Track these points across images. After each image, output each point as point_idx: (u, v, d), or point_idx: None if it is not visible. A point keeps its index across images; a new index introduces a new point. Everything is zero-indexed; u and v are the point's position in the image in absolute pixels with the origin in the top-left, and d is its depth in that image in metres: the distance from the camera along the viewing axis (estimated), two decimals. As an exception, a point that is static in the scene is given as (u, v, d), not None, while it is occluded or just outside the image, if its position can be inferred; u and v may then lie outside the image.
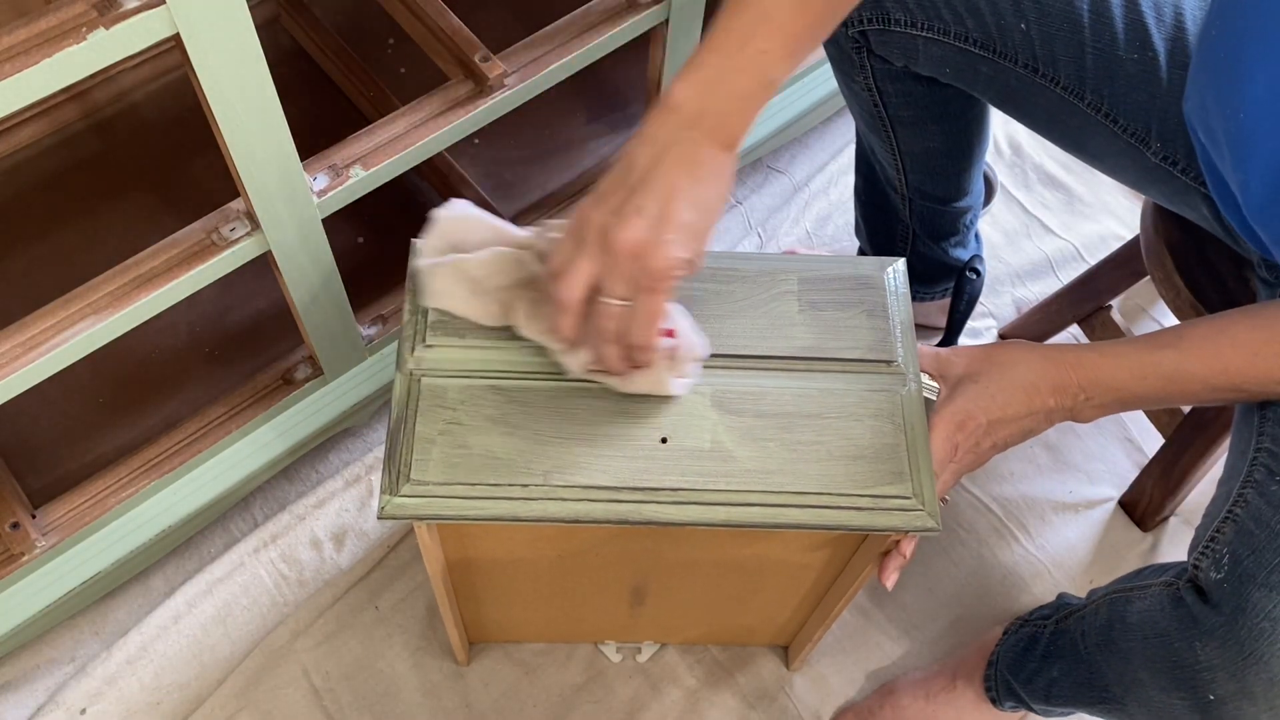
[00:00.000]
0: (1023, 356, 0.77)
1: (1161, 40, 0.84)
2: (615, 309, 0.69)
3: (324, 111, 1.37)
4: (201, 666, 1.12)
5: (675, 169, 0.68)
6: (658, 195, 0.67)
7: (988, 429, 0.77)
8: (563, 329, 0.72)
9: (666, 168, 0.68)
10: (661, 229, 0.67)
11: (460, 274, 0.77)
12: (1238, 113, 0.70)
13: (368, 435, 1.27)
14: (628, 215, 0.67)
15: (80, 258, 1.25)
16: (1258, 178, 0.70)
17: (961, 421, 0.77)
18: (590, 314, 0.71)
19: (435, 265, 0.78)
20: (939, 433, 0.76)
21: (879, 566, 0.82)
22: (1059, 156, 1.50)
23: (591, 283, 0.69)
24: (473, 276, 0.77)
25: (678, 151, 0.68)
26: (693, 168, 0.68)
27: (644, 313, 0.69)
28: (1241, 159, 0.71)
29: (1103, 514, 1.26)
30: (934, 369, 0.80)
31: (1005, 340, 1.05)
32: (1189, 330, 0.75)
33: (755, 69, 0.69)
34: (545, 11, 1.09)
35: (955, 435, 0.77)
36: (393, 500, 0.73)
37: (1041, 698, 0.95)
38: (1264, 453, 0.73)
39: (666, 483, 0.74)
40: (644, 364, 0.72)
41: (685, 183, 0.68)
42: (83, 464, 1.15)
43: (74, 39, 0.69)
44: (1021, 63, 0.87)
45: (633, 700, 1.13)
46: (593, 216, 0.69)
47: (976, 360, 0.78)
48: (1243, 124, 0.70)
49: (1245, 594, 0.68)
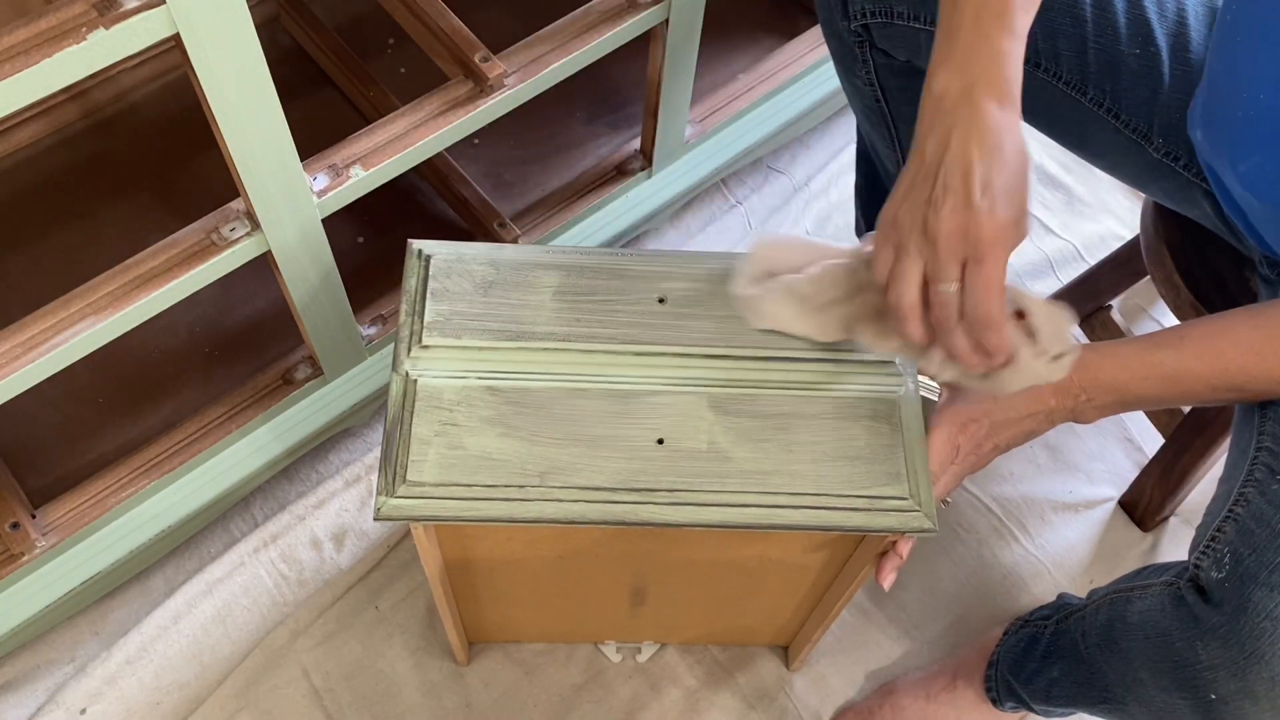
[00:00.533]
0: None
1: (1164, 36, 0.84)
2: (951, 294, 0.67)
3: (324, 111, 1.37)
4: (201, 666, 1.12)
5: (966, 143, 0.66)
6: (959, 171, 0.66)
7: (989, 431, 0.77)
8: (911, 335, 0.70)
9: (956, 145, 0.67)
10: (976, 200, 0.65)
11: (790, 294, 0.76)
12: (1258, 93, 0.70)
13: (368, 435, 1.27)
14: (938, 202, 0.66)
15: (80, 258, 1.25)
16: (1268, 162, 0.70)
17: (963, 423, 0.76)
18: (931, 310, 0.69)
19: (764, 290, 0.77)
20: (940, 435, 0.76)
21: (876, 567, 0.82)
22: (1059, 156, 1.50)
23: (923, 280, 0.68)
24: (803, 295, 0.76)
25: (962, 127, 0.67)
26: (982, 135, 0.66)
27: (978, 285, 0.66)
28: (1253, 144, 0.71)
29: (1103, 514, 1.26)
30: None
31: None
32: (1190, 330, 0.75)
33: (998, 27, 0.67)
34: (545, 11, 1.09)
35: (957, 437, 0.77)
36: (389, 501, 0.73)
37: (1042, 698, 0.95)
38: (1265, 451, 0.73)
39: (663, 484, 0.74)
40: (997, 348, 0.69)
41: (981, 151, 0.66)
42: (83, 464, 1.14)
43: (74, 39, 0.69)
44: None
45: (633, 700, 1.13)
46: (901, 216, 0.68)
47: None
48: (1263, 104, 0.70)
49: (1246, 593, 0.68)
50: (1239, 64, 0.74)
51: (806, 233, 1.43)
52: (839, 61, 1.01)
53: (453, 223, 1.32)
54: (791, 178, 1.47)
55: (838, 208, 1.44)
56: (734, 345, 0.79)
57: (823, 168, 1.47)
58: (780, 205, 1.44)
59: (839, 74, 1.04)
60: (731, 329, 0.80)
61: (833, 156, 1.48)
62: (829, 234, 1.42)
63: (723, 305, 0.81)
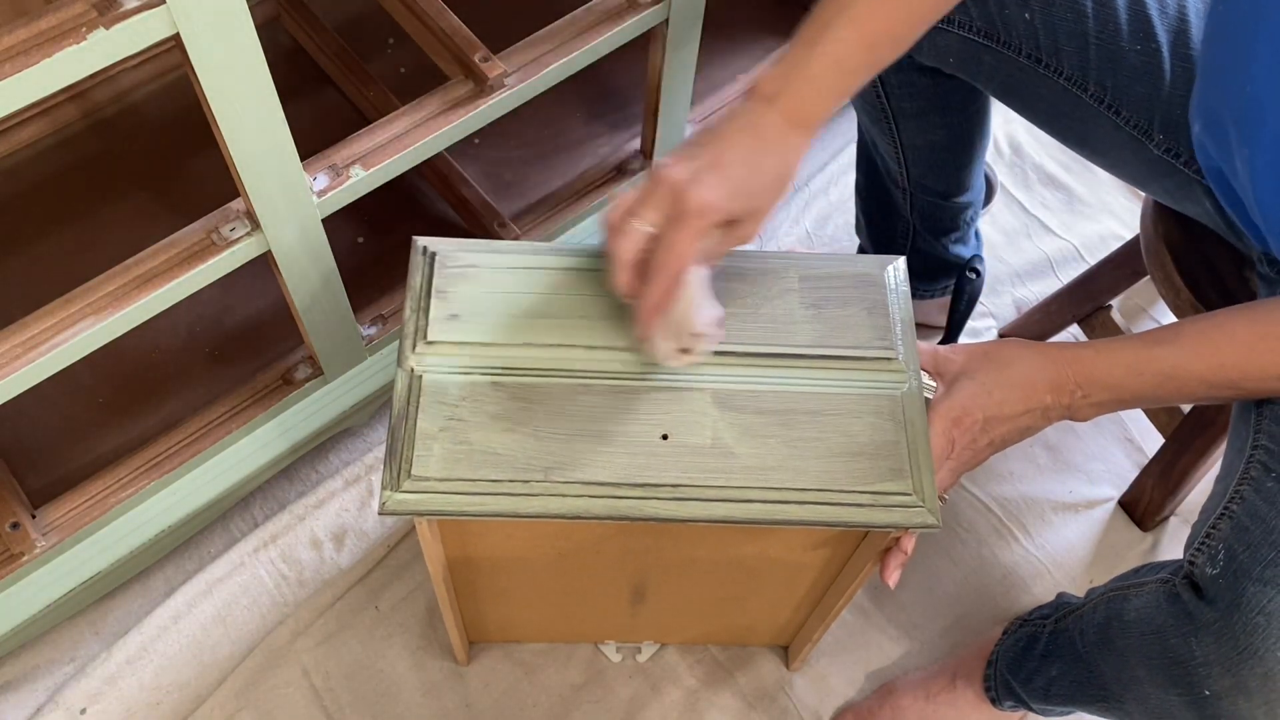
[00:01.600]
0: (1020, 354, 0.77)
1: (1164, 32, 0.84)
2: (639, 233, 0.72)
3: (324, 111, 1.37)
4: (201, 666, 1.12)
5: (738, 132, 0.73)
6: (713, 148, 0.72)
7: (984, 426, 0.77)
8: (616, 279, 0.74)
9: (729, 130, 0.73)
10: (703, 171, 0.70)
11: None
12: (1245, 86, 0.70)
13: (368, 435, 1.27)
14: (680, 158, 0.72)
15: (80, 258, 1.25)
16: (1264, 153, 0.70)
17: (958, 418, 0.77)
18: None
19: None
20: (935, 429, 0.77)
21: (881, 564, 0.82)
22: (1059, 156, 1.50)
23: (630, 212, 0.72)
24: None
25: (745, 119, 0.73)
26: (755, 133, 0.73)
27: (665, 242, 0.71)
28: (1248, 134, 0.71)
29: (1103, 514, 1.26)
30: (932, 366, 0.80)
31: (1003, 339, 1.05)
32: (1186, 327, 0.75)
33: (831, 55, 0.73)
34: (545, 11, 1.09)
35: (952, 431, 0.77)
36: (394, 496, 0.73)
37: (1040, 697, 0.95)
38: (1260, 449, 0.73)
39: (667, 479, 0.74)
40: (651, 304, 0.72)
41: (743, 142, 0.73)
42: (83, 464, 1.14)
43: (74, 39, 0.69)
44: (1025, 53, 0.87)
45: (633, 700, 1.12)
46: (659, 165, 0.73)
47: (974, 358, 0.78)
48: (1250, 97, 0.70)
49: (1240, 589, 0.68)
50: (1230, 57, 0.74)
51: (807, 232, 1.43)
52: (840, 58, 1.02)
53: (453, 223, 1.32)
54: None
55: (838, 208, 1.44)
56: (738, 341, 0.79)
57: (822, 168, 1.47)
58: (780, 205, 1.44)
59: (840, 70, 1.04)
60: (736, 324, 0.80)
61: (833, 156, 1.48)
62: (829, 234, 1.42)
63: (726, 302, 0.80)
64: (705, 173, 0.71)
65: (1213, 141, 0.78)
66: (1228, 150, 0.76)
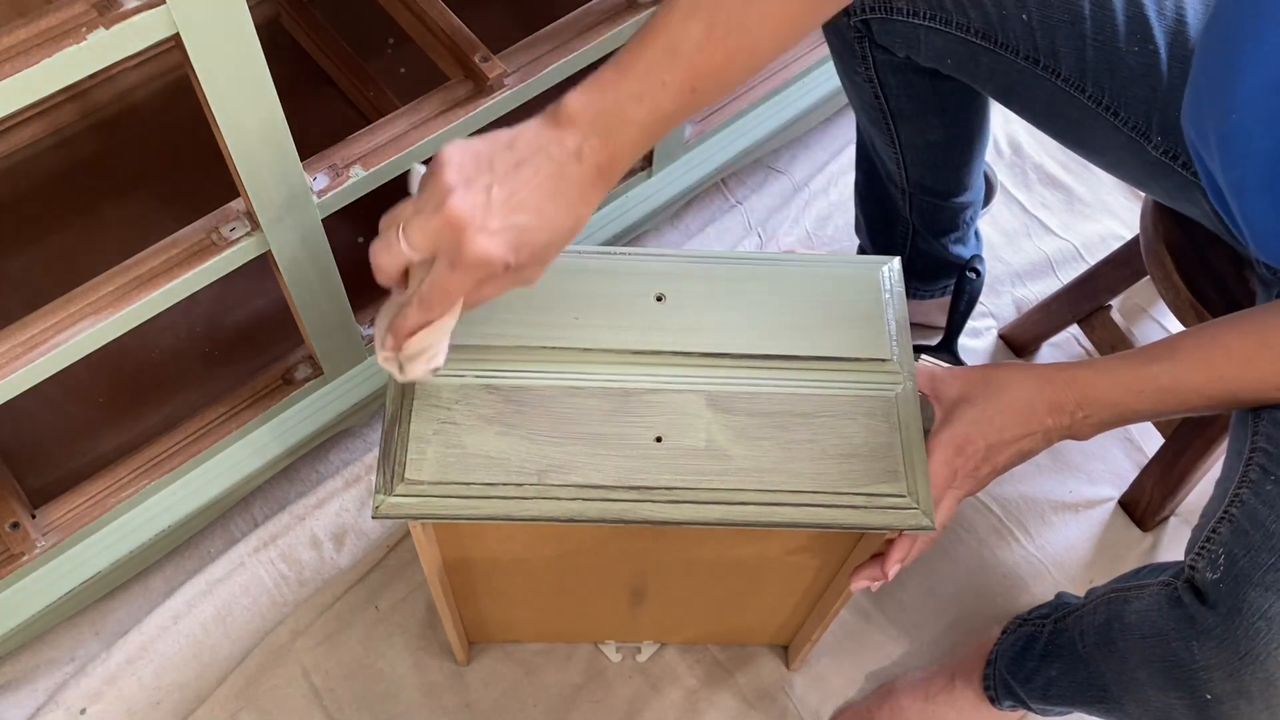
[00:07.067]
0: (1018, 378, 0.77)
1: (1162, 34, 0.84)
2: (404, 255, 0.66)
3: (324, 111, 1.37)
4: (201, 666, 1.13)
5: (540, 176, 0.65)
6: (508, 185, 0.64)
7: (986, 453, 0.77)
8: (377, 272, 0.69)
9: (530, 171, 0.65)
10: (492, 216, 0.64)
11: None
12: (1229, 114, 0.70)
13: (367, 435, 1.27)
14: (470, 181, 0.64)
15: (80, 258, 1.25)
16: (1254, 175, 0.70)
17: (960, 446, 0.76)
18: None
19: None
20: (938, 458, 0.76)
21: (859, 568, 0.82)
22: (1059, 156, 1.50)
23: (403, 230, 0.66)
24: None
25: (551, 166, 0.66)
26: (559, 182, 0.66)
27: (437, 281, 0.66)
28: (1234, 160, 0.71)
29: (1103, 514, 1.26)
30: (929, 389, 0.80)
31: (1000, 363, 1.04)
32: (1181, 341, 0.76)
33: (652, 100, 0.66)
34: (545, 11, 1.09)
35: (954, 460, 0.76)
36: (387, 500, 0.73)
37: (1040, 697, 0.95)
38: (1259, 452, 0.73)
39: (661, 482, 0.74)
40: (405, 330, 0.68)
41: (543, 188, 0.65)
42: (83, 464, 1.15)
43: (74, 39, 0.69)
44: (1022, 54, 0.87)
45: (633, 700, 1.13)
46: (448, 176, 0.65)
47: (972, 383, 0.78)
48: (1235, 124, 0.70)
49: (1241, 594, 0.68)
50: (1219, 78, 0.74)
51: (807, 232, 1.43)
52: (839, 58, 1.01)
53: (453, 223, 1.32)
54: (791, 178, 1.47)
55: (838, 208, 1.44)
56: (732, 343, 0.79)
57: (823, 168, 1.47)
58: (780, 205, 1.44)
59: (839, 70, 1.04)
60: (730, 327, 0.80)
61: (833, 156, 1.48)
62: (829, 234, 1.42)
63: (721, 304, 0.81)
64: (493, 218, 0.64)
65: (1201, 155, 0.79)
66: (1217, 167, 0.76)
